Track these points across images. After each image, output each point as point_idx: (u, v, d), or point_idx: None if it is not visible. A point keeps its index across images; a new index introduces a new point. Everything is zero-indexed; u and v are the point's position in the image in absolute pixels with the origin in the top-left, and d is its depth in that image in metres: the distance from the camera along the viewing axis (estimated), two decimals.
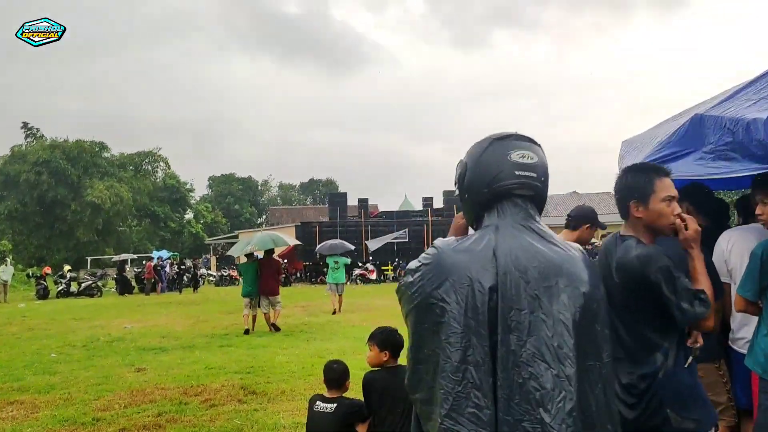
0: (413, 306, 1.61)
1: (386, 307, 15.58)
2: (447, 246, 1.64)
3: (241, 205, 74.08)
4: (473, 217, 1.74)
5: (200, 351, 9.07)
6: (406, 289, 1.64)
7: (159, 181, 57.86)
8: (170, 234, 56.58)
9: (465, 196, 1.73)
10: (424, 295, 1.58)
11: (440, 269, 1.57)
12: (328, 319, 13.28)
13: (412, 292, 1.61)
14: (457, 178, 1.77)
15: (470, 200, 1.71)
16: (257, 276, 11.52)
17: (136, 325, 13.55)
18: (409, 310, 1.64)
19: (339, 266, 15.26)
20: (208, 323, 13.35)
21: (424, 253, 1.67)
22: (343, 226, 31.82)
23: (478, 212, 1.69)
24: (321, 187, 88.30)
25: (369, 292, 22.03)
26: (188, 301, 21.25)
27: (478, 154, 1.69)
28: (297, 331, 11.04)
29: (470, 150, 1.74)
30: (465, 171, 1.72)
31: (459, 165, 1.76)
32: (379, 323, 10.49)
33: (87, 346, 10.14)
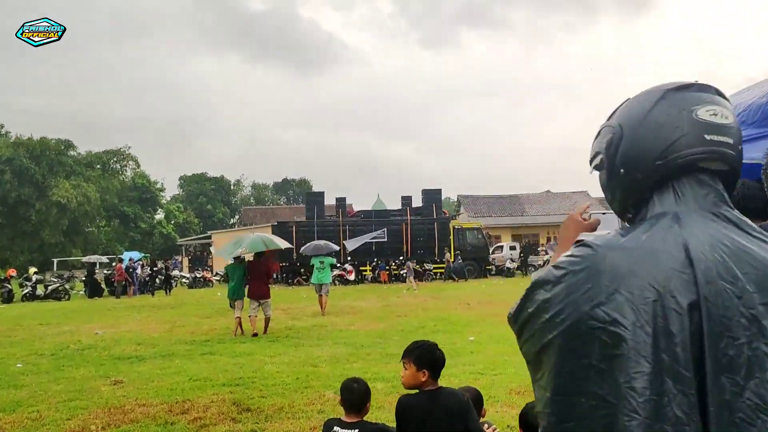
0: (558, 334, 1.06)
1: (370, 310, 15.09)
2: (608, 243, 1.09)
3: (213, 205, 72.77)
4: (631, 203, 1.20)
5: (181, 359, 8.44)
6: (538, 309, 1.09)
7: (128, 180, 56.39)
8: (140, 235, 55.14)
9: (620, 172, 1.18)
10: (578, 315, 1.03)
11: (603, 276, 1.04)
12: (312, 322, 12.72)
13: (555, 313, 1.06)
14: (604, 147, 1.26)
15: (629, 178, 1.17)
16: (245, 278, 11.09)
17: (109, 330, 12.81)
18: (548, 340, 1.08)
19: (324, 266, 14.89)
20: (186, 328, 12.67)
21: (566, 254, 1.15)
22: (321, 225, 31.17)
23: (641, 195, 1.16)
24: (295, 186, 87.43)
25: (349, 293, 21.49)
26: (162, 304, 20.43)
27: (645, 112, 1.16)
28: (282, 337, 10.46)
29: (628, 105, 1.21)
30: (619, 137, 1.18)
31: (606, 130, 1.23)
32: (368, 327, 9.96)
33: (56, 355, 9.42)
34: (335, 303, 17.30)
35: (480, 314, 12.92)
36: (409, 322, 11.98)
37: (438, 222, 31.48)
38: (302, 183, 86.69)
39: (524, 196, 51.94)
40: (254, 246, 11.70)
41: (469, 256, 31.54)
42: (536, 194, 52.46)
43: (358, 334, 10.41)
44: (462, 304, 15.78)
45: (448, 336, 9.53)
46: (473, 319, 12.02)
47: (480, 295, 18.92)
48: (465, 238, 31.83)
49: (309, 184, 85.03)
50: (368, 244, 30.53)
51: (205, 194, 73.13)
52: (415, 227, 31.38)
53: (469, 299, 17.32)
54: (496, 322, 11.29)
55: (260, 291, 10.95)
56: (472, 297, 18.11)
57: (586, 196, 51.85)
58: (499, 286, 23.80)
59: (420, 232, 31.32)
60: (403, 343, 8.92)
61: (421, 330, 10.57)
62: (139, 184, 56.07)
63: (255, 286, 10.96)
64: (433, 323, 11.45)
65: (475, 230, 32.46)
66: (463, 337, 9.39)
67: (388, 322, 11.98)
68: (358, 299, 18.90)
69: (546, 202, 50.53)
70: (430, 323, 11.52)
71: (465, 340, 9.05)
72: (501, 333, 9.58)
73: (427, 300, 17.80)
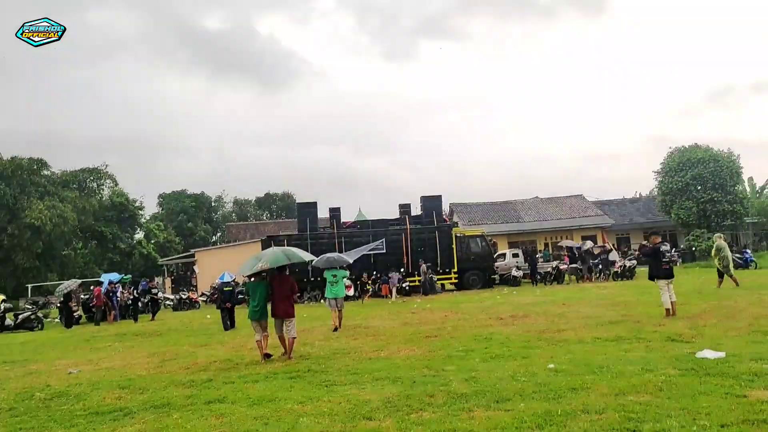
0: None
1: (390, 330, 13.12)
2: None
3: (194, 222, 70.14)
4: None
5: (180, 413, 6.37)
6: None
7: (105, 199, 53.72)
8: (119, 255, 52.41)
9: None
10: None
11: None
12: (331, 348, 10.69)
13: None
14: None
15: None
16: (268, 296, 10.26)
17: (86, 368, 10.69)
18: None
19: (338, 280, 14.51)
20: (179, 362, 10.58)
21: None
22: (314, 238, 29.15)
23: None
24: (278, 201, 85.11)
25: (354, 311, 19.43)
26: (147, 331, 18.23)
27: None
28: (303, 370, 8.42)
29: None
30: None
31: None
32: (402, 352, 7.85)
33: (15, 409, 7.31)
34: (345, 323, 15.32)
35: (525, 331, 11.01)
36: (448, 344, 10.02)
37: (440, 230, 29.61)
38: (286, 197, 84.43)
39: (518, 202, 50.32)
40: (276, 260, 10.24)
41: (474, 265, 29.71)
42: (530, 200, 50.90)
43: (395, 363, 8.42)
44: (492, 319, 13.86)
45: (517, 364, 7.59)
46: (524, 338, 10.09)
47: (504, 307, 17.01)
48: (468, 246, 29.99)
49: (293, 197, 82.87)
50: (366, 256, 28.57)
51: (185, 212, 70.48)
52: (415, 237, 29.47)
53: (496, 312, 15.42)
54: (555, 340, 9.40)
55: (285, 309, 10.13)
56: (497, 310, 16.20)
57: (582, 200, 50.50)
58: (515, 296, 21.92)
59: (421, 242, 29.39)
60: (462, 375, 6.98)
61: (473, 354, 8.62)
62: (117, 203, 53.39)
63: (279, 304, 10.14)
64: (482, 346, 9.49)
65: (479, 238, 30.62)
66: (536, 364, 7.46)
67: (424, 346, 10.00)
68: (369, 317, 16.89)
69: (541, 207, 48.98)
70: (477, 345, 9.56)
71: (542, 368, 7.12)
72: (577, 357, 7.70)
73: (447, 315, 15.85)
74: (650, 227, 47.72)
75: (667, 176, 40.04)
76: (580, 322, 11.72)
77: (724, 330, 9.40)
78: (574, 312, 13.91)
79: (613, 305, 14.90)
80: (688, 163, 38.81)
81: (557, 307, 15.41)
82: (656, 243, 11.63)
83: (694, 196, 38.16)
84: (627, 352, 7.89)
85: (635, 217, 49.03)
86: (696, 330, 9.53)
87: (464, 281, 29.32)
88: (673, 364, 6.85)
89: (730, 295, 15.24)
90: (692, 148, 39.90)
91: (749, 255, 29.20)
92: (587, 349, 8.33)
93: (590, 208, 47.79)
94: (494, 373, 7.09)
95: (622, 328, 10.41)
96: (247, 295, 10.99)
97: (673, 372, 6.40)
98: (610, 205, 50.34)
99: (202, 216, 73.87)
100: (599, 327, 10.76)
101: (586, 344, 8.87)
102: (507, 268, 31.69)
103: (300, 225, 30.24)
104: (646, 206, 50.83)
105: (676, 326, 10.08)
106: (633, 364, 6.91)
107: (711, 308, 12.39)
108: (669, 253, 11.28)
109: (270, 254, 10.51)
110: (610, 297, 17.52)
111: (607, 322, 11.38)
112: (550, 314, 13.79)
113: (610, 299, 16.74)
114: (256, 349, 11.32)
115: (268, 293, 10.24)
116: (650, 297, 16.33)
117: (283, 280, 10.47)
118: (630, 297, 17.03)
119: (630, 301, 15.65)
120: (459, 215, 47.18)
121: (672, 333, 9.30)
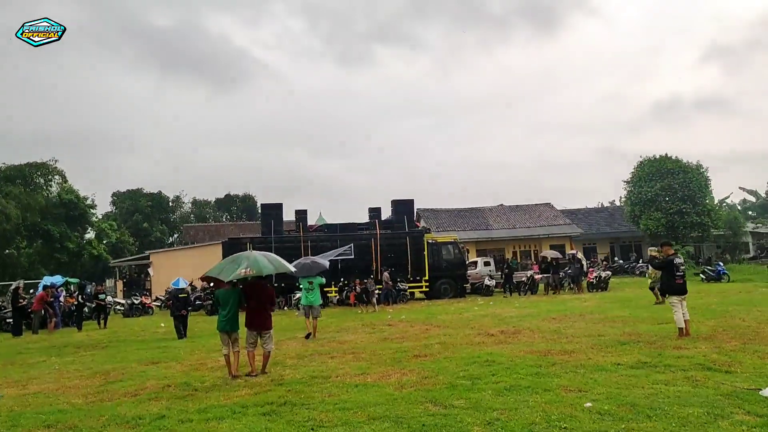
0: None
1: (369, 347, 11.70)
2: None
3: (150, 222, 67.27)
4: None
5: None
6: None
7: (54, 196, 50.70)
8: (67, 256, 49.45)
9: None
10: None
11: None
12: (306, 371, 9.18)
13: None
14: None
15: None
16: (240, 305, 9.25)
17: (10, 391, 8.98)
18: None
19: (314, 287, 14.11)
20: (125, 384, 8.94)
21: None
22: (279, 241, 27.43)
23: None
24: (238, 202, 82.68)
25: (322, 322, 17.88)
26: (92, 341, 16.32)
27: None
28: (278, 403, 6.90)
29: None
30: None
31: None
32: (391, 377, 5.73)
33: None
34: (319, 337, 13.86)
35: (526, 351, 9.73)
36: (444, 367, 8.65)
37: (411, 236, 28.29)
38: (247, 198, 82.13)
39: (486, 209, 49.49)
40: (261, 267, 8.95)
41: (445, 273, 28.48)
42: (498, 207, 50.12)
43: (390, 394, 7.00)
44: (481, 335, 12.57)
45: (542, 400, 6.25)
46: (530, 361, 8.80)
47: (487, 320, 15.77)
48: (440, 253, 28.76)
49: (253, 199, 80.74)
50: (333, 262, 26.98)
51: (141, 211, 67.60)
52: (385, 242, 28.07)
53: (481, 327, 14.15)
54: (570, 366, 8.14)
55: (262, 321, 9.21)
56: (481, 324, 14.94)
57: (551, 209, 49.97)
58: (492, 308, 20.75)
59: (391, 248, 28.01)
60: (480, 416, 5.56)
61: (481, 384, 7.24)
62: (66, 200, 50.40)
63: (255, 314, 9.18)
64: (486, 371, 8.13)
65: (451, 245, 29.41)
66: (566, 400, 6.14)
67: (415, 370, 8.61)
68: (341, 330, 15.41)
69: (510, 215, 48.22)
70: (480, 370, 8.20)
71: (577, 407, 5.80)
72: (611, 391, 6.42)
73: (428, 329, 14.51)
74: (617, 237, 47.61)
75: (636, 186, 39.73)
76: (585, 341, 10.51)
77: (758, 355, 8.30)
78: (569, 328, 12.73)
79: (607, 321, 13.80)
80: (658, 173, 38.58)
81: (547, 323, 14.24)
82: (669, 255, 10.49)
83: (663, 207, 37.88)
84: (667, 385, 6.65)
85: (602, 226, 48.77)
86: (726, 355, 8.40)
87: (435, 290, 28.08)
88: (739, 404, 5.63)
89: (725, 311, 14.36)
90: (662, 159, 39.72)
91: (722, 268, 28.79)
92: (616, 380, 7.07)
93: (559, 216, 47.26)
94: (520, 413, 5.74)
95: (637, 350, 9.23)
96: (217, 303, 9.63)
97: (749, 419, 5.16)
98: (577, 215, 49.99)
99: (159, 216, 71.00)
100: (610, 348, 9.56)
101: (609, 372, 7.61)
102: (478, 277, 30.59)
103: (264, 228, 28.46)
104: (612, 216, 50.73)
105: (699, 349, 8.95)
106: (690, 405, 5.65)
107: (721, 327, 11.35)
108: (683, 266, 10.15)
109: (253, 260, 9.07)
110: (597, 311, 16.47)
111: (616, 342, 10.19)
112: (544, 331, 12.58)
113: (599, 313, 15.67)
114: (218, 367, 9.88)
115: (241, 302, 9.20)
116: (638, 312, 15.35)
117: (260, 289, 9.32)
118: (618, 311, 16.00)
119: (623, 317, 14.59)
120: (426, 221, 46.01)
121: (701, 359, 8.14)
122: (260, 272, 8.96)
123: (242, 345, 9.41)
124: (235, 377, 8.93)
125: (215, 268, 9.48)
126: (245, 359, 9.36)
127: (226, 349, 9.17)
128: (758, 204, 61.60)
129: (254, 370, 9.09)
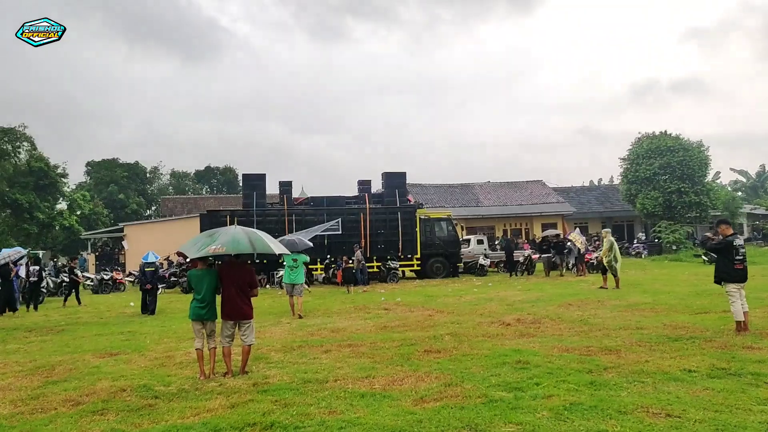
0: None
1: (366, 336, 10.02)
2: None
3: (126, 194, 64.64)
4: None
5: None
6: None
7: (22, 164, 47.94)
8: (37, 227, 46.94)
9: None
10: None
11: None
12: (296, 371, 7.44)
13: None
14: None
15: None
16: (217, 289, 7.63)
17: None
18: None
19: (298, 265, 13.56)
20: (69, 386, 7.13)
21: None
22: (262, 215, 25.56)
23: None
24: (219, 175, 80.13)
25: (308, 304, 16.19)
26: (49, 323, 14.41)
27: None
28: (263, 424, 5.17)
29: None
30: None
31: None
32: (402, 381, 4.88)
33: None
34: (307, 322, 12.16)
35: (562, 350, 8.09)
36: (467, 369, 6.96)
37: (402, 211, 26.55)
38: (227, 171, 79.63)
39: (477, 185, 47.87)
40: (236, 245, 7.31)
41: (438, 251, 26.85)
42: (490, 183, 48.51)
43: (411, 413, 5.30)
44: (495, 324, 10.93)
45: (623, 430, 4.60)
46: (576, 364, 7.15)
47: (494, 305, 14.17)
48: (433, 230, 27.10)
49: (234, 171, 78.28)
50: (319, 237, 25.16)
51: (116, 182, 64.87)
52: (375, 217, 26.30)
53: (490, 313, 12.55)
54: (627, 372, 6.50)
55: (239, 309, 7.53)
56: (488, 309, 13.35)
57: (543, 186, 48.46)
58: (493, 289, 19.18)
59: (381, 224, 26.25)
60: None
61: (526, 398, 5.57)
62: (35, 168, 47.66)
63: (232, 301, 7.51)
64: (524, 376, 6.45)
65: (445, 221, 27.75)
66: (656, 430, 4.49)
67: (432, 372, 6.92)
68: (331, 314, 13.71)
69: (500, 192, 46.63)
70: (516, 376, 6.52)
71: None
72: (709, 417, 4.79)
73: (431, 315, 12.86)
74: (609, 216, 46.33)
75: (633, 164, 38.28)
76: (625, 336, 8.90)
77: None
78: (594, 318, 11.15)
79: (635, 309, 12.24)
80: (657, 151, 37.14)
81: (565, 310, 12.66)
82: (728, 235, 8.85)
83: (661, 186, 36.50)
84: None
85: (594, 205, 47.44)
86: None
87: (427, 269, 26.47)
88: None
89: (758, 297, 12.87)
90: (662, 136, 38.28)
91: None
92: (703, 396, 5.44)
93: (551, 194, 45.84)
94: None
95: (699, 351, 7.62)
96: (189, 286, 7.79)
97: None
98: (568, 192, 48.61)
99: (136, 188, 68.35)
100: (662, 347, 7.95)
101: (686, 383, 5.98)
102: (471, 256, 29.04)
103: (245, 200, 26.48)
104: (604, 195, 49.44)
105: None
106: None
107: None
108: (743, 248, 8.52)
109: (228, 236, 7.41)
110: (614, 296, 14.94)
111: (664, 338, 8.60)
112: (567, 320, 10.98)
113: (617, 299, 14.15)
114: (188, 363, 8.15)
115: (218, 286, 7.63)
116: (661, 297, 13.86)
117: (238, 270, 7.73)
118: (638, 297, 14.50)
119: (646, 303, 13.08)
120: (415, 197, 44.34)
121: None
122: (233, 251, 7.24)
123: (218, 339, 7.66)
124: (208, 378, 7.22)
125: (188, 243, 7.79)
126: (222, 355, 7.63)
127: (199, 342, 7.51)
128: (749, 185, 60.75)
129: (231, 371, 7.37)
